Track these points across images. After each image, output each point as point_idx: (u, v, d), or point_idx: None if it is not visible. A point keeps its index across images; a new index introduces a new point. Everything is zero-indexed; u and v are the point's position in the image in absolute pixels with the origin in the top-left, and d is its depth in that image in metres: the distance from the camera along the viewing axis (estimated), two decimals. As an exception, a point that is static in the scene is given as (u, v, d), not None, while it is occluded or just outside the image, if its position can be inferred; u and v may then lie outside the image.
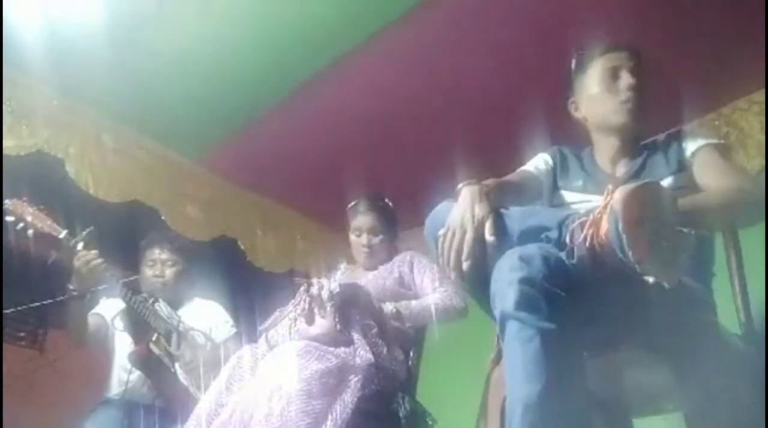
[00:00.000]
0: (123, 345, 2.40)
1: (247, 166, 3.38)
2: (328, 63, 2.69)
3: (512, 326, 1.03)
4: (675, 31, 2.43)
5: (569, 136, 1.64)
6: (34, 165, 2.72)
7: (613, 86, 1.49)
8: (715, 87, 2.72)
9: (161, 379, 2.25)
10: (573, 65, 1.61)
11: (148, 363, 2.23)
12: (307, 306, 1.80)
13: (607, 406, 1.46)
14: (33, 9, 2.35)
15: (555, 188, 1.56)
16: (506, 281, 1.05)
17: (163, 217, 3.20)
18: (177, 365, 2.25)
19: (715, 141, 1.47)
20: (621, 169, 1.50)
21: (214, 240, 3.44)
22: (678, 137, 1.50)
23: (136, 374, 2.28)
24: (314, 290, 1.78)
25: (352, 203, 2.29)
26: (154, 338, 2.23)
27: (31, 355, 2.44)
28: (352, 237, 2.24)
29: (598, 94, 1.51)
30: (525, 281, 1.03)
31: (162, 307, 2.34)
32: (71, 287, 2.15)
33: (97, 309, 2.44)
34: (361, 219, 2.22)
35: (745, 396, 1.11)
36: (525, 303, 1.02)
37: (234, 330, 2.54)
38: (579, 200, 1.49)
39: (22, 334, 3.18)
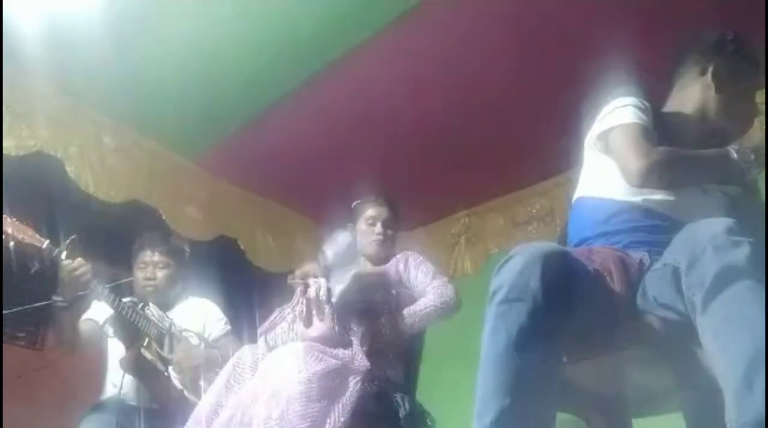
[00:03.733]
0: (117, 347, 2.38)
1: (247, 166, 3.38)
2: (328, 63, 2.69)
3: (745, 284, 1.00)
4: (673, 31, 2.42)
5: (572, 135, 1.64)
6: (34, 165, 2.72)
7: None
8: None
9: (155, 384, 2.22)
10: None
11: (141, 368, 2.21)
12: (304, 308, 1.79)
13: (607, 406, 1.47)
14: (33, 9, 2.35)
15: None
16: (725, 241, 1.04)
17: (163, 217, 3.21)
18: (170, 368, 2.22)
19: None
20: None
21: (214, 240, 3.44)
22: (740, 148, 1.48)
23: (128, 377, 2.25)
24: (312, 292, 1.78)
25: (366, 196, 2.31)
26: (145, 343, 2.20)
27: (31, 355, 2.43)
28: (363, 226, 2.23)
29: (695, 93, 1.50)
30: (752, 244, 1.04)
31: (152, 311, 2.31)
32: (57, 298, 2.11)
33: (89, 314, 2.41)
34: (378, 210, 2.24)
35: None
36: (757, 262, 1.02)
37: (228, 327, 2.52)
38: None
39: (22, 334, 3.18)
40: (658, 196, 1.40)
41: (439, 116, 2.97)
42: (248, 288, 3.25)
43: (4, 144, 2.58)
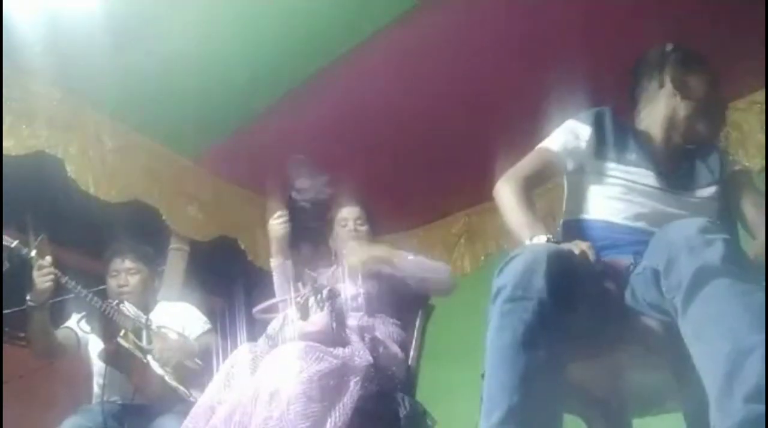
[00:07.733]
0: (96, 350, 2.38)
1: (247, 165, 3.38)
2: (328, 63, 2.69)
3: (721, 282, 1.01)
4: (673, 32, 2.43)
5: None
6: (34, 165, 2.72)
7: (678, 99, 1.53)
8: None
9: (134, 372, 2.22)
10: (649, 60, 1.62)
11: (118, 357, 2.20)
12: (303, 299, 1.80)
13: (607, 406, 1.47)
14: (33, 9, 2.35)
15: (598, 158, 1.55)
16: (699, 241, 1.06)
17: (163, 217, 3.21)
18: (149, 356, 2.22)
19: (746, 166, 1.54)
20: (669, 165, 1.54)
21: (214, 240, 3.44)
22: (716, 149, 1.56)
23: (110, 376, 2.25)
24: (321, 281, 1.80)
25: (339, 202, 2.34)
26: (122, 333, 2.21)
27: (31, 355, 2.43)
28: (339, 229, 2.28)
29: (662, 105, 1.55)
30: (726, 241, 1.05)
31: (128, 308, 2.31)
32: (29, 298, 2.13)
33: (68, 323, 2.43)
34: (349, 210, 2.29)
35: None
36: (732, 258, 1.03)
37: (208, 326, 2.52)
38: (623, 174, 1.51)
39: (22, 334, 3.18)
40: (643, 210, 1.46)
41: (440, 116, 2.97)
42: (248, 288, 3.25)
43: (4, 144, 2.58)
